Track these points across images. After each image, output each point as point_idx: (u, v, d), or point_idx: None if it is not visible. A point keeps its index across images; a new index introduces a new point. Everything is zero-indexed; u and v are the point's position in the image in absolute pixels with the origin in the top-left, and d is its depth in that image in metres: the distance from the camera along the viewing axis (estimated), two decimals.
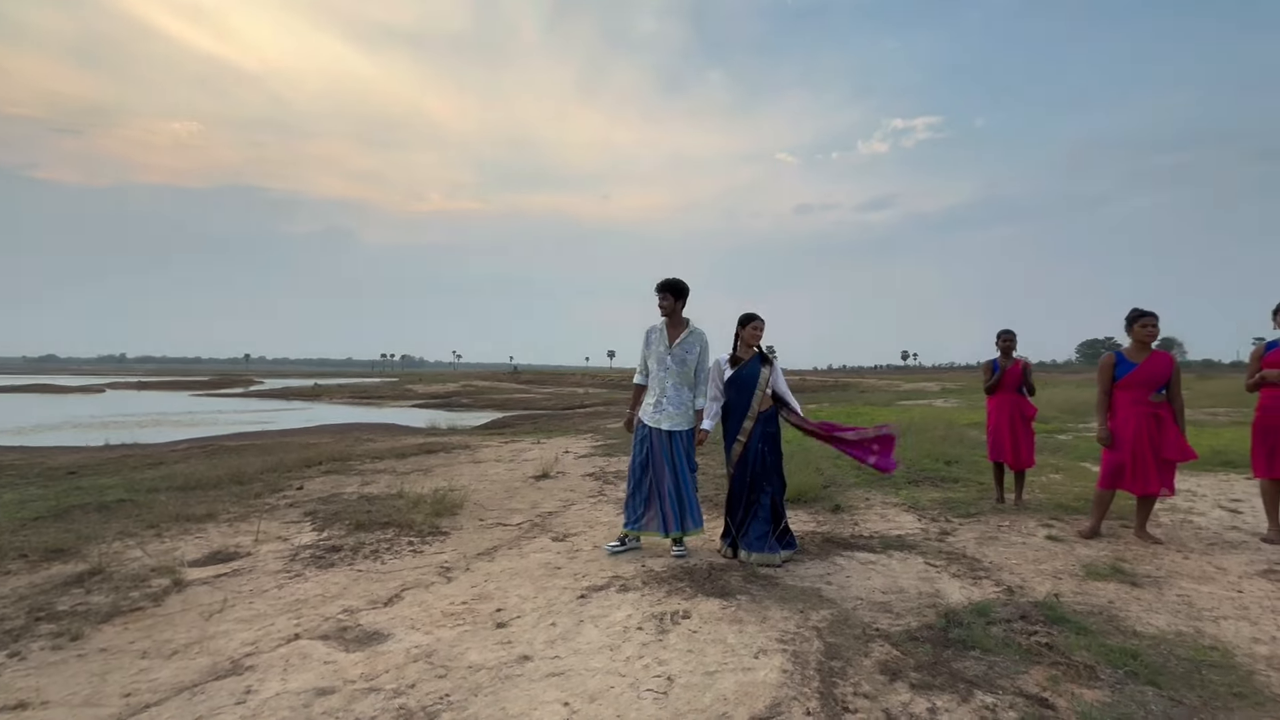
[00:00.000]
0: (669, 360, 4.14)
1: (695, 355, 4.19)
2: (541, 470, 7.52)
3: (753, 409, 4.05)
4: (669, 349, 4.15)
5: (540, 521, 5.18)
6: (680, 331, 4.19)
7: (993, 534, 4.46)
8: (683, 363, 4.16)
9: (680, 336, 4.18)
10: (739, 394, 4.10)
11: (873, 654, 2.60)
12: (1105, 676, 2.31)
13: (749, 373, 4.11)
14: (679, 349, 4.15)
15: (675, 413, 4.14)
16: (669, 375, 4.15)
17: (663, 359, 4.16)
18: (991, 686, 2.29)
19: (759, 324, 4.15)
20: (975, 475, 6.71)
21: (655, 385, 4.19)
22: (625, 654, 2.68)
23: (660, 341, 4.20)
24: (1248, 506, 5.18)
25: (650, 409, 4.18)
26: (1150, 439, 4.12)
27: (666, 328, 4.22)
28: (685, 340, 4.18)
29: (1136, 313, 4.24)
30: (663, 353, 4.16)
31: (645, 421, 4.19)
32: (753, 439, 4.04)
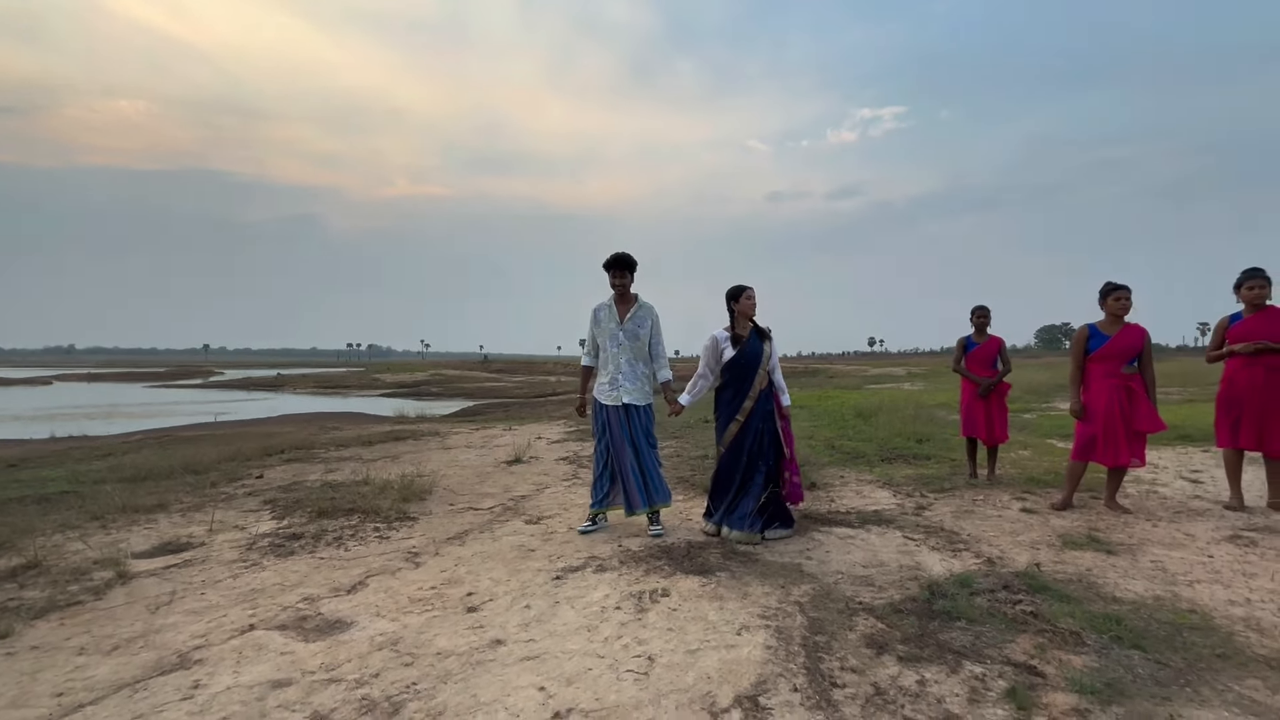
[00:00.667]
0: (621, 336, 4.05)
1: (648, 329, 4.12)
2: (514, 455, 7.35)
3: (754, 389, 3.87)
4: (620, 325, 4.06)
5: (513, 505, 5.04)
6: (629, 307, 4.10)
7: (968, 508, 4.47)
8: (635, 338, 4.07)
9: (630, 312, 4.08)
10: (739, 373, 3.92)
11: (857, 628, 2.54)
12: (1091, 642, 2.28)
13: (751, 351, 3.93)
14: (630, 324, 4.07)
15: (632, 388, 4.05)
16: (622, 351, 4.06)
17: (615, 335, 4.06)
18: (979, 656, 2.25)
19: (751, 293, 3.96)
20: (947, 452, 6.78)
21: (608, 363, 4.10)
22: (603, 635, 2.57)
23: (610, 318, 4.10)
24: (1207, 477, 5.32)
25: (606, 387, 4.09)
26: (1122, 411, 4.16)
27: (615, 304, 4.11)
28: (636, 315, 4.09)
29: (1109, 286, 4.26)
30: (614, 329, 4.07)
31: (602, 401, 4.09)
32: (752, 418, 3.88)
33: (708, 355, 4.03)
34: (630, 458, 4.02)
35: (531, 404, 23.16)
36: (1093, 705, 1.91)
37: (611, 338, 4.08)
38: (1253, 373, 4.17)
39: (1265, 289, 4.19)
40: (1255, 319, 4.21)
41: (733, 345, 3.95)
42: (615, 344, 4.06)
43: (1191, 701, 1.93)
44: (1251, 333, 4.18)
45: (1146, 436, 4.25)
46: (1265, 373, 4.14)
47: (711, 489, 4.06)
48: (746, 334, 3.97)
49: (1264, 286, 4.19)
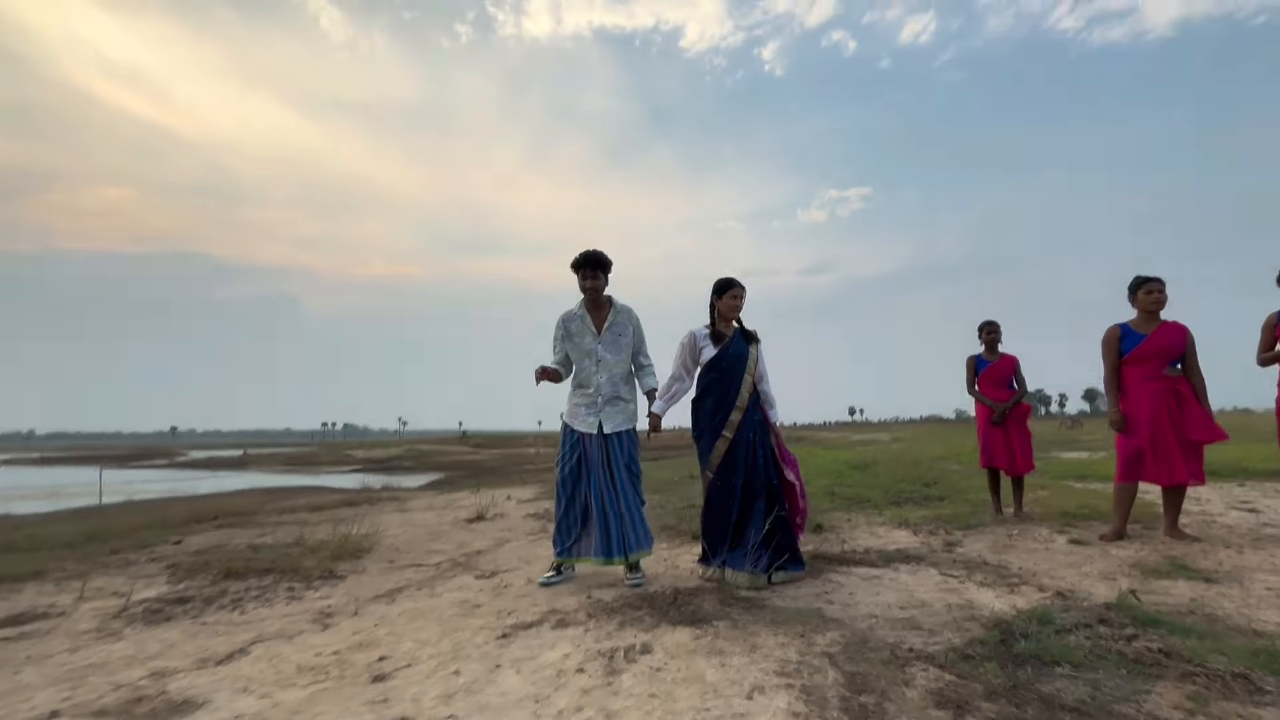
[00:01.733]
0: (600, 351, 3.37)
1: (629, 337, 3.45)
2: (476, 513, 6.50)
3: (741, 397, 3.24)
4: (598, 337, 3.38)
5: (465, 560, 4.20)
6: (605, 313, 3.41)
7: (1005, 543, 3.75)
8: (616, 349, 3.40)
9: (607, 319, 3.40)
10: (722, 379, 3.29)
11: (916, 682, 1.79)
12: (1270, 688, 1.57)
13: (735, 352, 3.32)
14: (610, 334, 3.39)
15: (614, 411, 3.36)
16: (602, 369, 3.37)
17: (592, 351, 3.38)
18: (1111, 715, 1.51)
19: (738, 290, 3.35)
20: (962, 494, 6.07)
21: (585, 383, 3.40)
22: (557, 706, 1.79)
23: (584, 330, 3.39)
24: (1264, 505, 4.68)
25: (582, 411, 3.38)
26: (1171, 418, 3.57)
27: (589, 312, 3.42)
28: (614, 324, 3.41)
29: (1140, 279, 3.77)
30: (591, 344, 3.38)
31: (576, 427, 3.38)
32: (743, 431, 3.22)
33: (683, 354, 3.41)
34: (609, 495, 3.30)
35: (507, 471, 21.97)
36: None
37: (589, 354, 3.39)
38: None
39: None
40: None
41: (714, 344, 3.34)
42: (593, 361, 3.38)
43: None
44: None
45: (1203, 450, 3.64)
46: None
47: (704, 525, 3.29)
48: (730, 334, 3.37)
49: None
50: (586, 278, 3.33)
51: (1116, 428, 3.74)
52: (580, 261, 3.33)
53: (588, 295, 3.40)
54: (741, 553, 3.05)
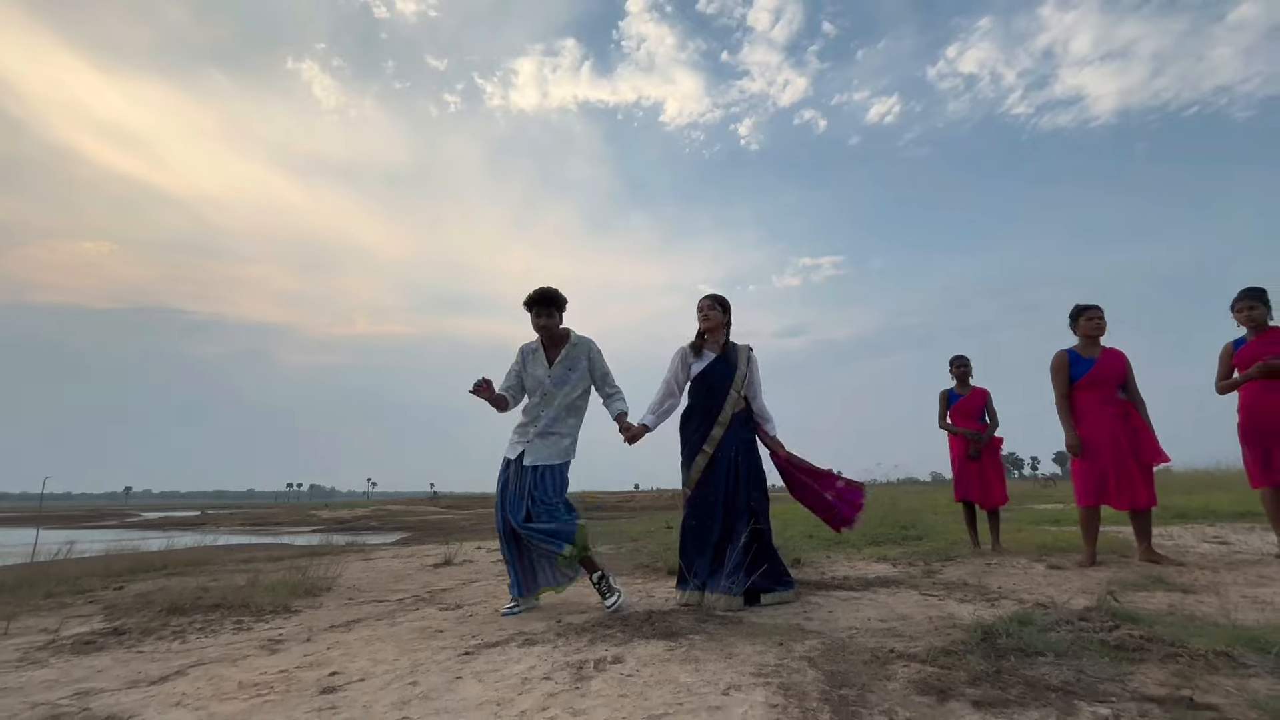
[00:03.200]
0: (548, 384, 3.26)
1: (580, 371, 3.34)
2: (444, 559, 6.25)
3: (725, 413, 3.14)
4: (548, 370, 3.27)
5: (429, 596, 3.99)
6: (560, 349, 3.31)
7: (984, 569, 3.70)
8: (563, 382, 3.28)
9: (561, 354, 3.30)
10: (707, 392, 3.22)
11: (897, 676, 1.71)
12: (1254, 663, 1.53)
13: (721, 367, 3.25)
14: (560, 368, 3.28)
15: (542, 445, 3.21)
16: (546, 404, 3.25)
17: (540, 383, 3.28)
18: (1096, 694, 1.46)
19: (702, 304, 3.32)
20: (938, 534, 6.02)
21: (526, 413, 3.33)
22: (520, 708, 1.67)
23: (537, 362, 3.31)
24: (1234, 539, 4.71)
25: (514, 438, 3.29)
26: (1129, 442, 3.64)
27: (544, 347, 3.34)
28: (567, 357, 3.30)
29: (1080, 307, 3.92)
30: (541, 376, 3.28)
31: (505, 454, 3.28)
32: (724, 449, 3.12)
33: (674, 369, 3.32)
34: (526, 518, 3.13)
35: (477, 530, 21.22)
36: None
37: (538, 385, 3.29)
38: (1272, 397, 3.75)
39: (1260, 309, 3.90)
40: (1259, 341, 3.87)
41: (696, 356, 3.30)
42: (540, 394, 3.28)
43: None
44: (1258, 355, 3.81)
45: (1153, 472, 3.70)
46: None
47: (682, 546, 3.16)
48: (718, 351, 3.31)
49: (1256, 307, 3.91)
50: (540, 316, 3.26)
51: (1074, 452, 3.78)
52: (533, 300, 3.26)
53: (541, 334, 3.33)
54: (721, 574, 2.91)
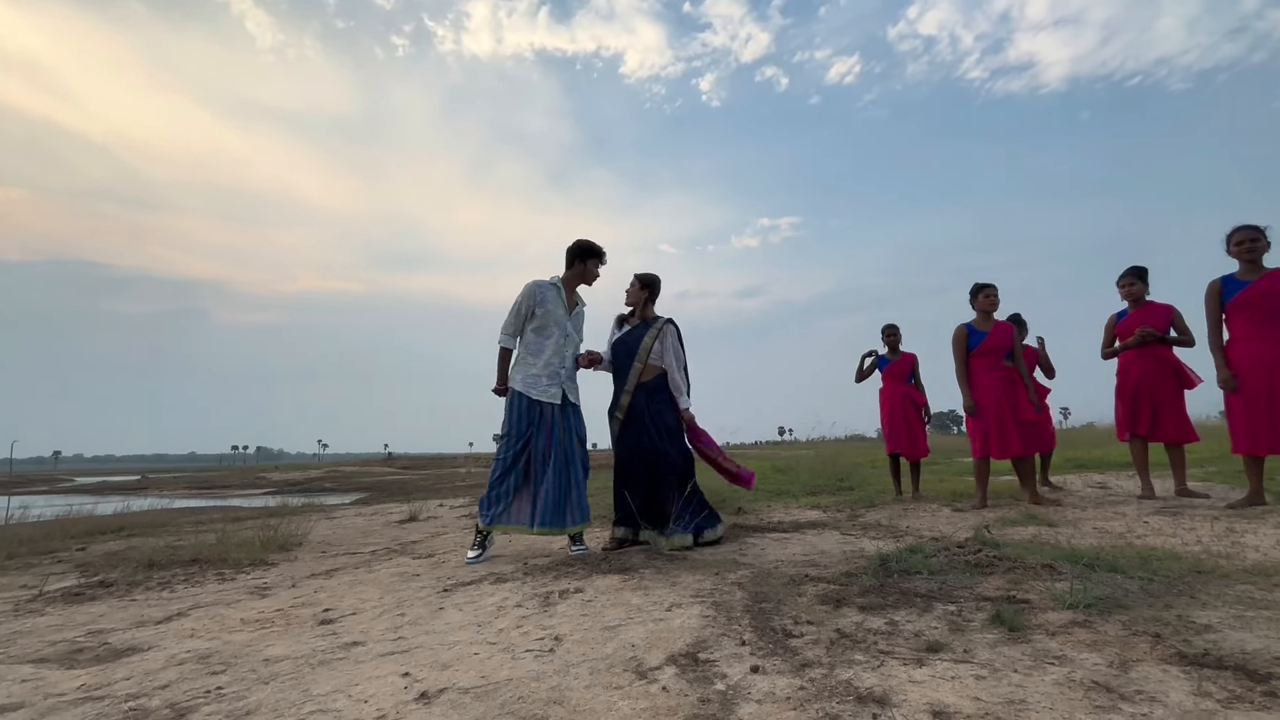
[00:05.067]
0: (569, 326, 3.44)
1: (582, 322, 3.61)
2: (409, 515, 6.52)
3: (630, 381, 3.45)
4: (569, 315, 3.46)
5: (400, 548, 4.28)
6: (575, 302, 3.56)
7: (900, 514, 4.23)
8: (580, 332, 3.56)
9: (576, 307, 3.56)
10: (618, 361, 3.55)
11: (807, 593, 2.12)
12: (1066, 571, 1.99)
13: (631, 337, 3.54)
14: (576, 318, 3.53)
15: (574, 386, 3.49)
16: (569, 344, 3.45)
17: (561, 323, 3.41)
18: (950, 598, 1.89)
19: (634, 282, 3.61)
20: (869, 485, 6.63)
21: (550, 354, 3.39)
22: (498, 627, 2.01)
23: (558, 302, 3.42)
24: (1113, 484, 5.43)
25: (543, 381, 3.37)
26: (1009, 402, 4.21)
27: (565, 291, 3.48)
28: (580, 309, 3.59)
29: (978, 285, 4.44)
30: (563, 318, 3.42)
31: (534, 396, 3.35)
32: (633, 413, 3.44)
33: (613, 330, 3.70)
34: (562, 466, 3.31)
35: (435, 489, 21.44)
36: (1091, 616, 1.59)
37: (559, 325, 3.40)
38: (1144, 363, 4.34)
39: (1138, 286, 4.46)
40: (1138, 314, 4.45)
41: (617, 326, 3.64)
42: (562, 333, 3.41)
43: (1193, 604, 1.66)
44: (1136, 326, 4.39)
45: (1033, 426, 4.31)
46: (1155, 362, 4.32)
47: (615, 500, 3.50)
48: (635, 322, 3.59)
49: (1135, 284, 4.47)
50: (597, 266, 3.53)
51: (970, 413, 4.34)
52: (597, 250, 3.51)
53: (588, 280, 3.56)
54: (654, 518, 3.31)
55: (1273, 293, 3.51)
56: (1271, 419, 3.44)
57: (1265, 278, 3.55)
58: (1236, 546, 2.41)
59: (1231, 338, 3.69)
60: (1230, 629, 1.47)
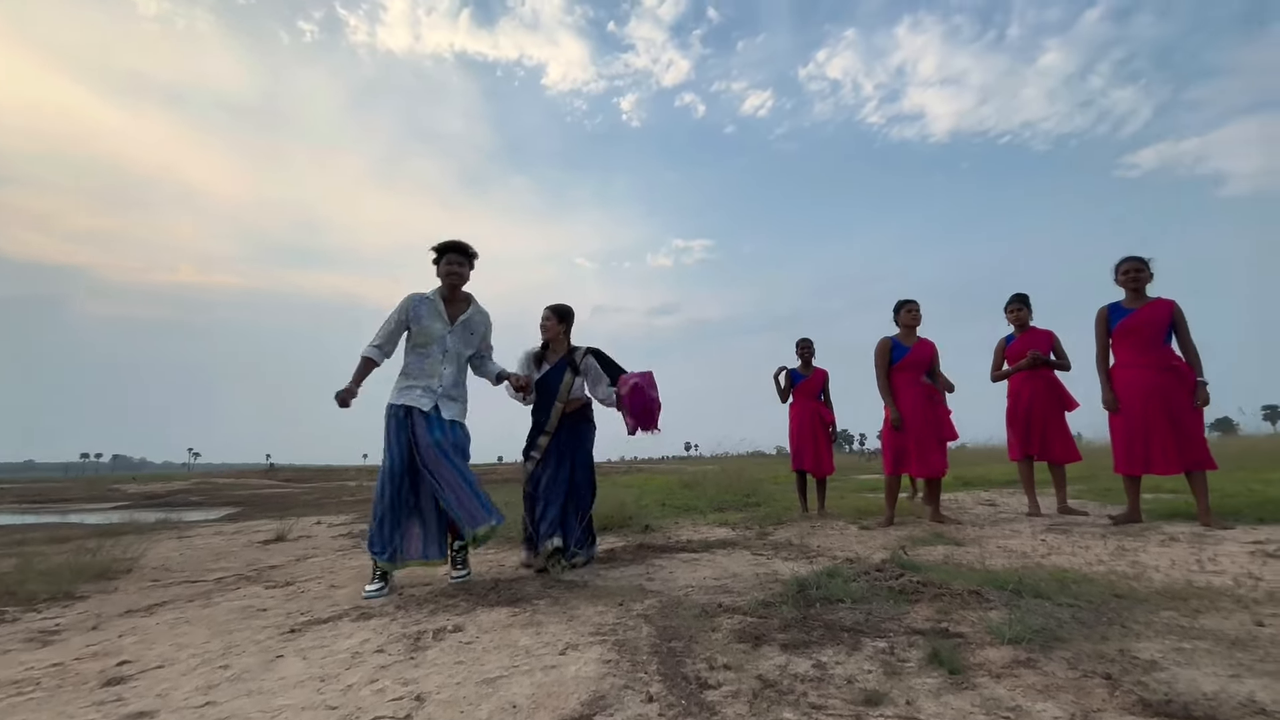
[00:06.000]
0: (449, 341, 3.06)
1: (479, 336, 3.21)
2: (276, 535, 5.75)
3: (551, 422, 3.28)
4: (449, 327, 3.07)
5: (255, 575, 3.66)
6: (462, 309, 3.14)
7: (809, 532, 4.13)
8: (466, 344, 3.14)
9: (464, 314, 3.13)
10: (540, 399, 3.34)
11: (722, 627, 1.87)
12: (994, 598, 1.87)
13: (551, 378, 3.33)
14: (461, 328, 3.10)
15: (450, 405, 3.05)
16: (448, 361, 3.06)
17: (441, 340, 3.05)
18: (878, 631, 1.70)
19: (548, 313, 3.41)
20: (775, 501, 6.59)
21: (425, 374, 3.04)
22: (346, 682, 1.60)
23: (435, 317, 3.05)
24: (1001, 502, 5.66)
25: (417, 393, 3.01)
26: (927, 420, 4.19)
27: (443, 302, 3.11)
28: (470, 319, 3.14)
29: (901, 301, 4.42)
30: (441, 332, 3.05)
31: (408, 404, 2.99)
32: (549, 454, 3.27)
33: (522, 365, 3.46)
34: (448, 472, 2.92)
35: (319, 504, 19.69)
36: (1035, 653, 1.44)
37: (438, 341, 3.05)
38: (1034, 386, 4.52)
39: (1024, 311, 4.67)
40: (1024, 338, 4.64)
41: (535, 365, 3.42)
42: (441, 349, 3.05)
43: (1128, 635, 1.55)
44: (1023, 350, 4.58)
45: (946, 445, 4.33)
46: (1043, 385, 4.51)
47: (524, 527, 3.31)
48: (556, 360, 3.38)
49: (1021, 310, 4.68)
50: (452, 264, 3.08)
51: (897, 426, 4.29)
52: (446, 246, 3.09)
53: (447, 282, 3.10)
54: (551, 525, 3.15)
55: (1153, 321, 3.73)
56: (1147, 441, 3.63)
57: (1147, 307, 3.77)
58: (1136, 566, 2.43)
59: (1116, 363, 3.89)
60: (1177, 665, 1.36)
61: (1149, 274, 3.79)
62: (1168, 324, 3.72)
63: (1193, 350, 3.68)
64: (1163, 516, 3.87)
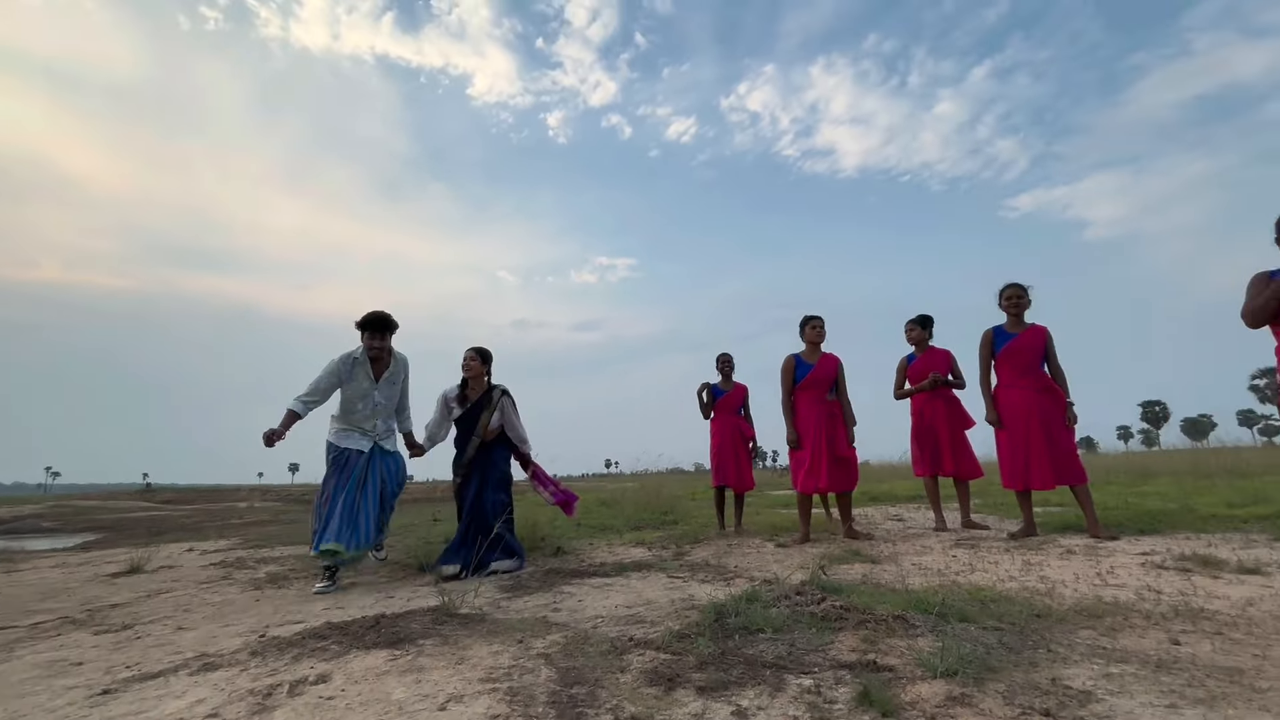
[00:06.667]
0: (377, 397, 3.61)
1: (400, 383, 3.79)
2: (130, 566, 4.99)
3: (469, 452, 3.81)
4: (375, 385, 3.60)
5: (88, 616, 3.09)
6: (386, 366, 3.67)
7: (726, 551, 4.00)
8: (390, 395, 3.71)
9: (387, 371, 3.66)
10: (461, 434, 3.88)
11: (631, 666, 1.66)
12: (920, 623, 1.76)
13: (471, 413, 3.87)
14: (385, 385, 3.66)
15: (388, 439, 3.75)
16: (377, 414, 3.65)
17: (368, 396, 3.59)
18: (802, 666, 1.54)
19: (471, 354, 3.89)
20: (693, 519, 6.47)
21: (359, 418, 3.61)
22: None
23: (362, 376, 3.57)
24: (908, 517, 5.80)
25: (355, 435, 3.60)
26: (827, 437, 4.17)
27: (368, 360, 3.59)
28: (392, 373, 3.69)
29: (806, 317, 4.41)
30: (368, 388, 3.59)
31: (346, 446, 3.57)
32: (471, 477, 3.81)
33: (439, 408, 3.93)
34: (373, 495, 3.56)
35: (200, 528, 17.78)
36: (969, 687, 1.32)
37: (364, 398, 3.59)
38: (936, 405, 4.66)
39: (918, 332, 4.83)
40: (924, 358, 4.78)
41: (460, 404, 3.89)
42: (369, 406, 3.61)
43: (1056, 660, 1.47)
44: (924, 369, 4.72)
45: (852, 461, 4.31)
46: (944, 403, 4.65)
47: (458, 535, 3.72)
48: (477, 395, 3.89)
49: (916, 330, 4.84)
50: (375, 339, 3.54)
51: (794, 446, 4.25)
52: (369, 323, 3.54)
53: (369, 356, 3.57)
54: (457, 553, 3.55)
55: (1031, 346, 3.93)
56: (1029, 459, 3.80)
57: (1026, 332, 3.97)
58: (1046, 582, 2.44)
59: (999, 383, 4.07)
60: (1111, 695, 1.28)
61: (1028, 300, 4.01)
62: (1044, 348, 3.94)
63: (1061, 373, 3.93)
64: (1056, 529, 4.04)
